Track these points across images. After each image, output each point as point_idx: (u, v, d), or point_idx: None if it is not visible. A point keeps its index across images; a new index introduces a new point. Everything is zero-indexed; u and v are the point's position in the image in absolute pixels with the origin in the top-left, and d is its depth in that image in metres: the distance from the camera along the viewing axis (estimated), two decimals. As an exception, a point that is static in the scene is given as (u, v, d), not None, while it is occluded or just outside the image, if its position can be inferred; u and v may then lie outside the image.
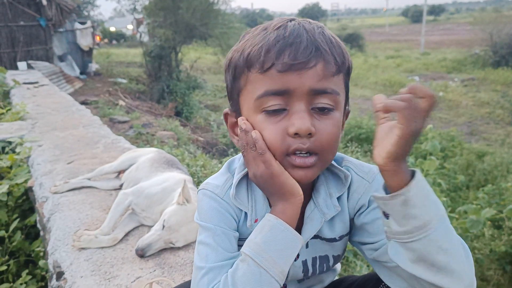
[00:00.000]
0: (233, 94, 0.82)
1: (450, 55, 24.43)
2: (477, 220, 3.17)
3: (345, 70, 0.77)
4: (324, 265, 0.94)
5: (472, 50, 23.57)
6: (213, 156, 7.52)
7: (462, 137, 10.19)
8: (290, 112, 0.73)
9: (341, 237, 0.90)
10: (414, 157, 5.11)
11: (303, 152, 0.74)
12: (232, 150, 8.13)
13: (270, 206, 0.86)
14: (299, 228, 0.88)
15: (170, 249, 1.70)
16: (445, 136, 9.00)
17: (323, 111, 0.74)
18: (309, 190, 0.87)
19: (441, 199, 3.45)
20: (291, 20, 0.76)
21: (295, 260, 0.90)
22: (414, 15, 63.87)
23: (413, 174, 0.68)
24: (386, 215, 0.71)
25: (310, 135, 0.72)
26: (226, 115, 0.88)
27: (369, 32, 45.56)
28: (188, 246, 1.73)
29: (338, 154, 0.87)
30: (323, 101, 0.73)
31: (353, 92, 17.23)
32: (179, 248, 1.71)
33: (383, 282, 0.87)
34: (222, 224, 0.83)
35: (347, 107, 0.84)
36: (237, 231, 0.86)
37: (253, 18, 52.35)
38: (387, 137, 0.67)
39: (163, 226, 1.64)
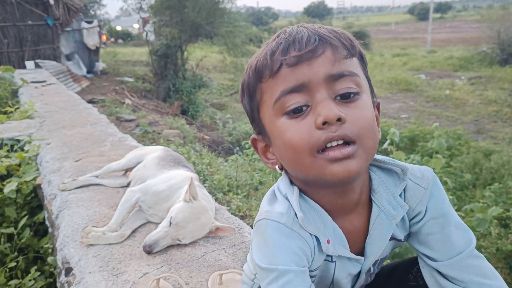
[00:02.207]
0: (254, 114, 0.78)
1: (457, 53, 24.23)
2: (484, 218, 3.15)
3: (357, 55, 0.72)
4: (379, 263, 0.91)
5: (479, 48, 23.36)
6: (219, 154, 7.54)
7: (469, 136, 10.12)
8: (313, 105, 0.68)
9: (405, 238, 0.85)
10: (420, 155, 5.09)
11: (338, 141, 0.67)
12: (237, 148, 8.14)
13: (333, 217, 0.79)
14: (362, 239, 0.83)
15: (177, 245, 1.72)
16: (452, 134, 8.95)
17: (348, 97, 0.69)
18: (366, 195, 0.80)
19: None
20: (288, 27, 0.76)
21: (364, 272, 0.87)
22: (420, 13, 63.38)
23: None
24: None
25: (340, 121, 0.66)
26: (254, 141, 0.84)
27: (375, 30, 45.32)
28: (194, 243, 1.75)
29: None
30: (345, 85, 0.69)
31: (359, 91, 17.13)
32: (185, 245, 1.72)
33: (416, 267, 0.86)
34: (292, 264, 0.73)
35: (375, 100, 0.78)
36: (311, 261, 0.79)
37: (258, 17, 52.27)
38: None
39: (170, 223, 1.66)
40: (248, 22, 19.47)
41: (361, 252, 0.84)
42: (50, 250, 2.30)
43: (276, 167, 0.81)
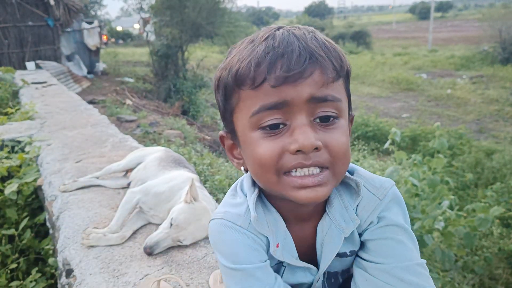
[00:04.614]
0: (226, 114, 0.76)
1: (458, 52, 24.21)
2: (486, 218, 3.14)
3: (344, 75, 0.70)
4: (332, 280, 0.90)
5: (481, 46, 23.35)
6: (220, 154, 7.54)
7: (470, 135, 10.11)
8: (290, 127, 0.67)
9: (351, 252, 0.84)
10: (422, 155, 5.08)
11: (309, 169, 0.67)
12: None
13: (287, 223, 0.81)
14: (314, 248, 0.84)
15: (178, 247, 1.71)
16: (453, 133, 8.95)
17: (327, 121, 0.68)
18: (322, 205, 0.81)
19: (449, 197, 3.43)
20: (278, 29, 0.70)
21: (316, 282, 0.87)
22: (421, 12, 63.37)
23: None
24: None
25: (316, 149, 0.66)
26: (222, 138, 0.83)
27: (376, 29, 45.33)
28: (195, 244, 1.74)
29: (350, 165, 0.80)
30: (326, 109, 0.67)
31: (360, 90, 17.16)
32: (186, 246, 1.72)
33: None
34: (256, 261, 0.77)
35: (350, 113, 0.77)
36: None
37: (259, 16, 52.32)
38: None
39: (171, 224, 1.65)
40: (248, 22, 19.50)
41: (313, 262, 0.85)
42: (51, 252, 2.29)
43: (242, 168, 0.81)
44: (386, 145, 3.60)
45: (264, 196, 0.81)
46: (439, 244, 3.31)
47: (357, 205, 0.79)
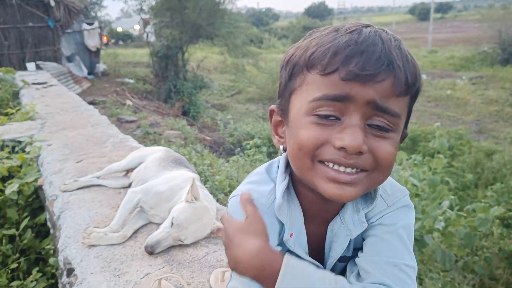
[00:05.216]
0: (285, 92, 0.75)
1: (458, 53, 24.24)
2: (486, 218, 3.15)
3: (412, 93, 0.70)
4: None
5: (480, 47, 23.37)
6: (220, 155, 7.55)
7: (470, 135, 10.12)
8: (343, 123, 0.67)
9: (353, 256, 0.86)
10: (422, 155, 5.09)
11: (346, 168, 0.67)
12: (238, 149, 8.14)
13: (305, 219, 0.82)
14: (322, 246, 0.86)
15: (179, 246, 1.72)
16: (453, 134, 8.95)
17: (379, 128, 0.68)
18: (339, 206, 0.82)
19: (449, 197, 3.43)
20: (366, 26, 0.69)
21: None
22: (421, 13, 63.30)
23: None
24: None
25: (360, 153, 0.66)
26: (271, 112, 0.83)
27: (376, 31, 45.23)
28: (196, 243, 1.75)
29: None
30: (382, 120, 0.67)
31: (360, 91, 17.17)
32: (187, 245, 1.72)
33: None
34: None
35: (405, 130, 0.76)
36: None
37: (259, 17, 52.36)
38: None
39: (172, 224, 1.65)
40: (248, 23, 19.52)
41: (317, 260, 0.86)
42: (51, 251, 2.30)
43: (281, 147, 0.81)
44: (386, 145, 3.60)
45: (293, 185, 0.82)
46: (439, 244, 3.31)
47: (368, 210, 0.80)
